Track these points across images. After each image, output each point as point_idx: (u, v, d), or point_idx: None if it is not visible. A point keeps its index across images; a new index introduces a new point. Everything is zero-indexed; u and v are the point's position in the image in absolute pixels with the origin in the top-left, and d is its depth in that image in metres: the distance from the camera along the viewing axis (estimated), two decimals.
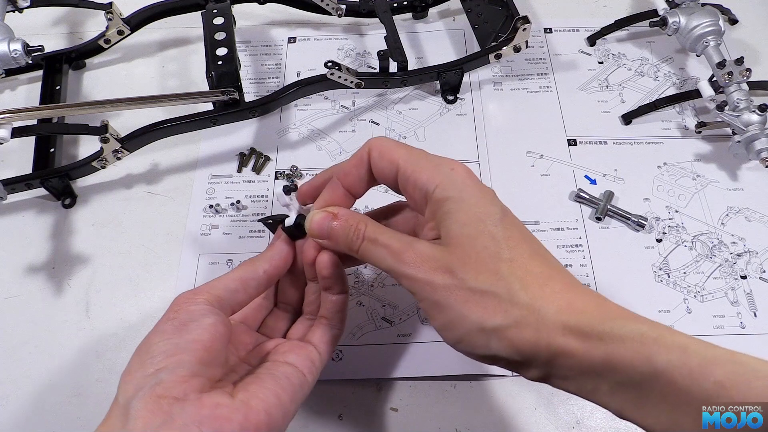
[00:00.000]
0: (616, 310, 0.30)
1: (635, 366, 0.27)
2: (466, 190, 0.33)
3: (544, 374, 0.31)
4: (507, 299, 0.30)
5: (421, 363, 0.48)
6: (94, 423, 0.29)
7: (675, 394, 0.27)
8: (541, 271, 0.32)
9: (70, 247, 0.54)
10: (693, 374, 0.26)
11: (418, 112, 0.63)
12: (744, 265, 0.53)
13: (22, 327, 0.51)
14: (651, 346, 0.27)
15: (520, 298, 0.30)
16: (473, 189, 0.33)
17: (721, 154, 0.59)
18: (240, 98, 0.55)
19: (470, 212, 0.33)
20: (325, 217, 0.36)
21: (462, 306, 0.31)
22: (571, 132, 0.61)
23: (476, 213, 0.32)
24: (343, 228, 0.35)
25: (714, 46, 0.58)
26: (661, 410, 0.27)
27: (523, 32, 0.58)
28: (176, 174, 0.59)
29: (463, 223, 0.32)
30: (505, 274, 0.31)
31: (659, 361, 0.27)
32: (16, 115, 0.48)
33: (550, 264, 0.32)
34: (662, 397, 0.27)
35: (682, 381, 0.26)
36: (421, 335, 0.49)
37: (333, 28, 0.69)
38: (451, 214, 0.33)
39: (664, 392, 0.27)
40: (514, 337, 0.30)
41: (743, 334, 0.50)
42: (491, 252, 0.31)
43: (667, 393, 0.27)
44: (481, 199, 0.33)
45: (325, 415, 0.47)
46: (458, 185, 0.33)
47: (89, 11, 0.67)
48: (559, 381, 0.31)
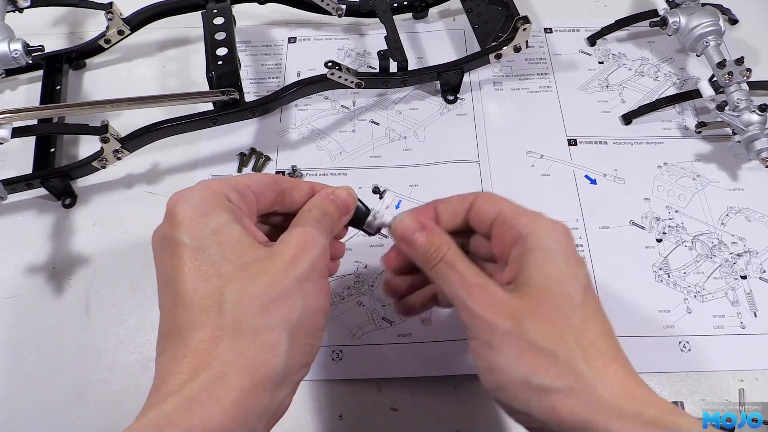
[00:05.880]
0: (673, 407, 0.30)
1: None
2: (561, 246, 0.33)
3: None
4: (565, 364, 0.30)
5: (421, 363, 0.48)
6: (94, 423, 0.29)
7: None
8: (607, 349, 0.31)
9: (70, 247, 0.54)
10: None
11: (419, 112, 0.63)
12: (744, 265, 0.53)
13: (22, 327, 0.51)
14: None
15: (580, 368, 0.30)
16: (567, 248, 0.33)
17: (721, 154, 0.59)
18: (240, 98, 0.55)
19: (556, 267, 0.32)
20: (415, 224, 0.36)
21: (515, 355, 0.30)
22: (572, 132, 0.61)
23: (562, 270, 0.32)
24: (427, 242, 0.35)
25: (714, 46, 0.58)
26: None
27: (524, 32, 0.58)
28: (176, 174, 0.59)
29: (547, 275, 0.32)
30: (571, 340, 0.30)
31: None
32: (17, 115, 0.48)
33: (617, 347, 0.32)
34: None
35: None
36: (421, 335, 0.49)
37: (333, 28, 0.69)
38: (537, 263, 0.32)
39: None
40: (559, 405, 0.29)
41: (743, 334, 0.50)
42: (564, 313, 0.31)
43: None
44: (572, 260, 0.33)
45: (325, 415, 0.47)
46: (554, 238, 0.33)
47: (89, 11, 0.67)
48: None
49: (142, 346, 0.50)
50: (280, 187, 0.35)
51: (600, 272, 0.53)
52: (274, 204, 0.35)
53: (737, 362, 0.48)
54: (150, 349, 0.49)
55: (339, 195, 0.36)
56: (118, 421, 0.46)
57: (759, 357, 0.49)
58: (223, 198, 0.31)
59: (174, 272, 0.29)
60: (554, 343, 0.30)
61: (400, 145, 0.60)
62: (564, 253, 0.33)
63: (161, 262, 0.31)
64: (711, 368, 0.48)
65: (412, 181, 0.58)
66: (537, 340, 0.30)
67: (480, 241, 0.39)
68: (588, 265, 0.53)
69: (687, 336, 0.50)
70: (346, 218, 0.37)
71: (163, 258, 0.31)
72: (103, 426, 0.45)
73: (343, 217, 0.36)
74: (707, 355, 0.49)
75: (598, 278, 0.52)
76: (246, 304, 0.28)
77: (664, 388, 0.47)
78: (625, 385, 0.30)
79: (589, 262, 0.53)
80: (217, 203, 0.31)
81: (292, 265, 0.30)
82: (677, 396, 0.46)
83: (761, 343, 0.49)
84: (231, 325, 0.28)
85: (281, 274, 0.29)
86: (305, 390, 0.47)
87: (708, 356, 0.49)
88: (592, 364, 0.30)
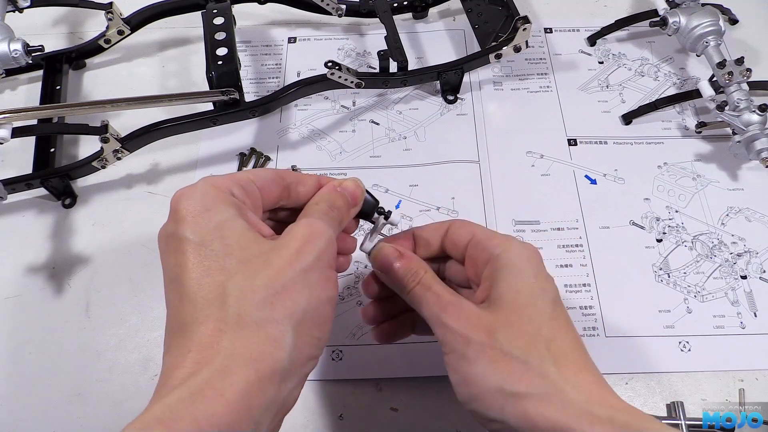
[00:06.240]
0: (643, 414, 0.31)
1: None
2: (530, 265, 0.35)
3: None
4: (537, 371, 0.31)
5: (421, 363, 0.48)
6: (94, 423, 0.29)
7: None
8: (576, 358, 0.32)
9: (70, 247, 0.54)
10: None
11: (419, 112, 0.63)
12: (744, 265, 0.53)
13: (22, 327, 0.51)
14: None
15: (551, 374, 0.31)
16: (537, 265, 0.35)
17: (721, 154, 0.59)
18: (240, 98, 0.55)
19: (526, 283, 0.34)
20: (392, 253, 0.37)
21: (488, 364, 0.31)
22: (572, 132, 0.61)
23: (531, 286, 0.34)
24: (404, 268, 0.37)
25: (714, 46, 0.58)
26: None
27: (524, 32, 0.58)
28: (176, 174, 0.59)
29: (517, 290, 0.33)
30: (542, 348, 0.31)
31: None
32: (17, 115, 0.48)
33: (586, 357, 0.33)
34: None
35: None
36: (421, 335, 0.49)
37: (333, 28, 0.69)
38: (507, 279, 0.34)
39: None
40: (532, 410, 0.30)
41: (743, 334, 0.50)
42: (534, 325, 0.32)
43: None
44: (542, 279, 0.34)
45: (325, 415, 0.47)
46: (523, 257, 0.35)
47: (89, 11, 0.67)
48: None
49: (142, 346, 0.50)
50: (285, 181, 0.35)
51: (600, 272, 0.53)
52: (280, 199, 0.35)
53: (737, 362, 0.48)
54: (150, 349, 0.49)
55: (346, 187, 0.36)
56: (118, 421, 0.46)
57: (759, 357, 0.49)
58: (227, 193, 0.31)
59: (179, 269, 0.29)
60: (526, 351, 0.31)
61: (400, 145, 0.60)
62: (533, 269, 0.34)
63: (166, 259, 0.31)
64: (711, 368, 0.48)
65: (412, 181, 0.58)
66: (509, 349, 0.31)
67: (455, 267, 0.40)
68: (588, 265, 0.53)
69: (687, 336, 0.50)
70: (355, 210, 0.37)
71: (168, 255, 0.31)
72: (103, 426, 0.45)
73: (352, 209, 0.37)
74: (707, 355, 0.49)
75: (598, 278, 0.52)
76: (249, 297, 0.28)
77: (664, 388, 0.47)
78: (596, 392, 0.31)
79: (589, 262, 0.53)
80: (220, 198, 0.31)
81: (297, 257, 0.30)
82: (677, 396, 0.46)
83: (761, 343, 0.49)
84: (234, 319, 0.28)
85: (286, 266, 0.29)
86: (305, 390, 0.47)
87: (708, 356, 0.49)
88: (563, 371, 0.31)
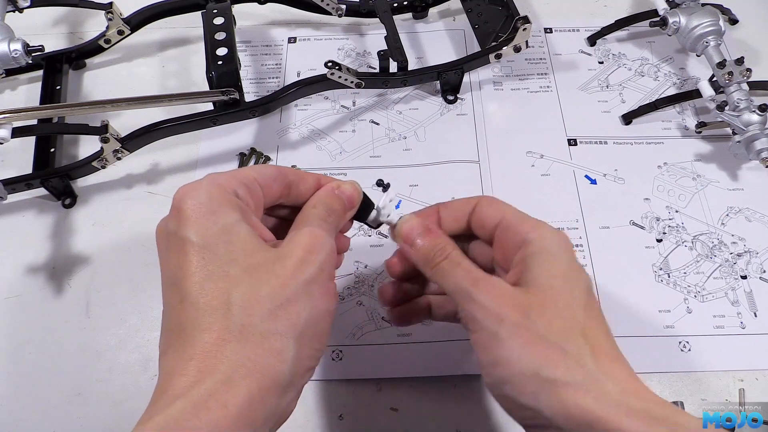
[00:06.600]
0: (676, 408, 0.30)
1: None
2: (565, 252, 0.34)
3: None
4: (575, 358, 0.30)
5: (421, 363, 0.48)
6: (94, 423, 0.29)
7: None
8: (610, 349, 0.31)
9: (70, 247, 0.54)
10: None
11: (419, 112, 0.63)
12: (744, 265, 0.53)
13: (22, 327, 0.51)
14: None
15: (588, 363, 0.30)
16: (571, 254, 0.34)
17: (721, 154, 0.59)
18: (240, 98, 0.55)
19: (561, 268, 0.33)
20: (419, 226, 0.36)
21: (524, 346, 0.30)
22: (572, 132, 0.61)
23: (566, 271, 0.33)
24: (430, 244, 0.36)
25: (714, 46, 0.58)
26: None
27: (524, 32, 0.58)
28: (176, 174, 0.59)
29: (553, 274, 0.32)
30: (578, 336, 0.30)
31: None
32: (17, 115, 0.48)
33: (618, 350, 0.32)
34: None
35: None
36: (421, 335, 0.49)
37: (333, 28, 0.69)
38: (543, 264, 0.33)
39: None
40: (568, 398, 0.29)
41: (743, 334, 0.50)
42: (571, 311, 0.31)
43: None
44: (575, 267, 0.34)
45: (325, 415, 0.47)
46: (557, 244, 0.34)
47: (89, 11, 0.67)
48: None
49: (142, 346, 0.50)
50: (287, 179, 0.35)
51: (600, 272, 0.53)
52: (280, 197, 0.35)
53: (737, 362, 0.48)
54: (150, 349, 0.49)
55: (344, 190, 0.36)
56: (118, 421, 0.46)
57: (759, 357, 0.49)
58: (231, 194, 0.31)
59: (180, 270, 0.29)
60: (563, 337, 0.30)
61: (400, 145, 0.60)
62: (567, 256, 0.34)
63: (167, 258, 0.30)
64: (711, 368, 0.48)
65: (412, 181, 0.58)
66: (546, 333, 0.30)
67: (480, 248, 0.39)
68: (588, 265, 0.53)
69: (687, 336, 0.50)
70: (351, 213, 0.37)
71: (168, 254, 0.30)
72: (103, 426, 0.45)
73: (348, 212, 0.36)
74: (707, 355, 0.49)
75: (598, 278, 0.52)
76: (255, 307, 0.28)
77: (664, 388, 0.47)
78: (631, 384, 0.30)
79: (589, 262, 0.53)
80: (225, 200, 0.31)
81: (300, 268, 0.30)
82: (677, 396, 0.46)
83: (761, 343, 0.49)
84: (238, 329, 0.28)
85: (289, 278, 0.29)
86: (305, 390, 0.47)
87: (708, 356, 0.49)
88: (599, 360, 0.30)
